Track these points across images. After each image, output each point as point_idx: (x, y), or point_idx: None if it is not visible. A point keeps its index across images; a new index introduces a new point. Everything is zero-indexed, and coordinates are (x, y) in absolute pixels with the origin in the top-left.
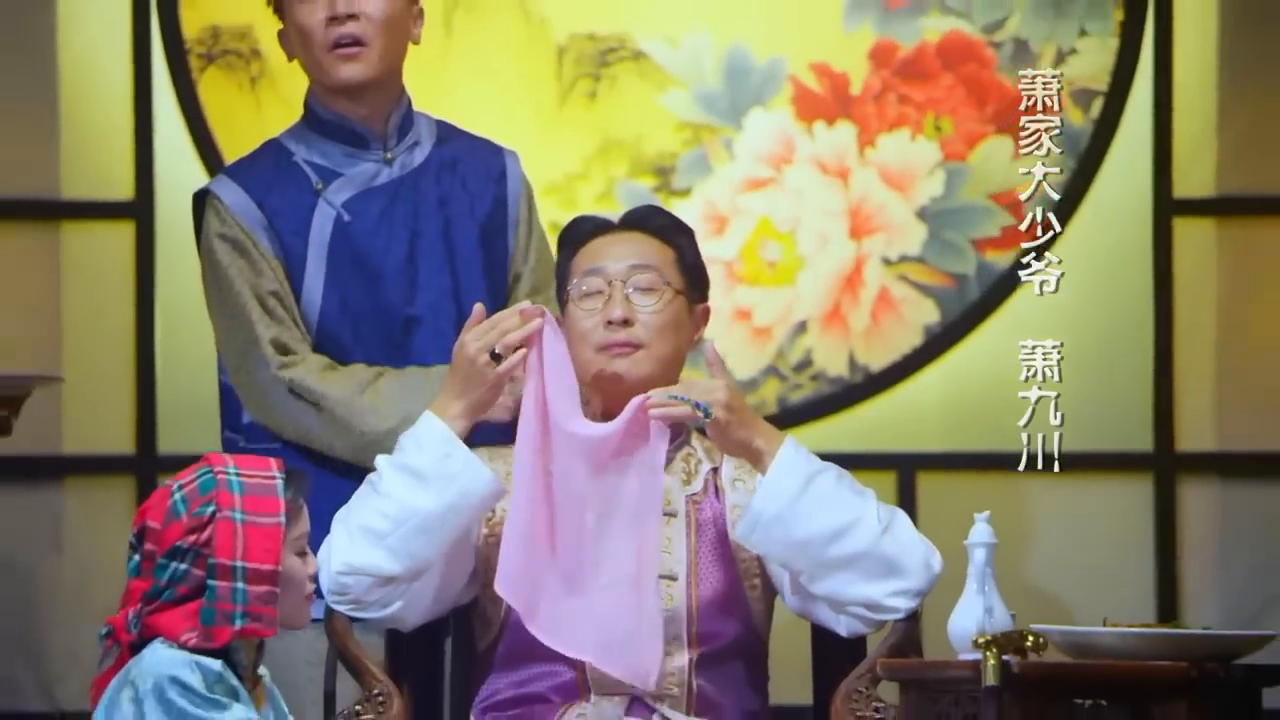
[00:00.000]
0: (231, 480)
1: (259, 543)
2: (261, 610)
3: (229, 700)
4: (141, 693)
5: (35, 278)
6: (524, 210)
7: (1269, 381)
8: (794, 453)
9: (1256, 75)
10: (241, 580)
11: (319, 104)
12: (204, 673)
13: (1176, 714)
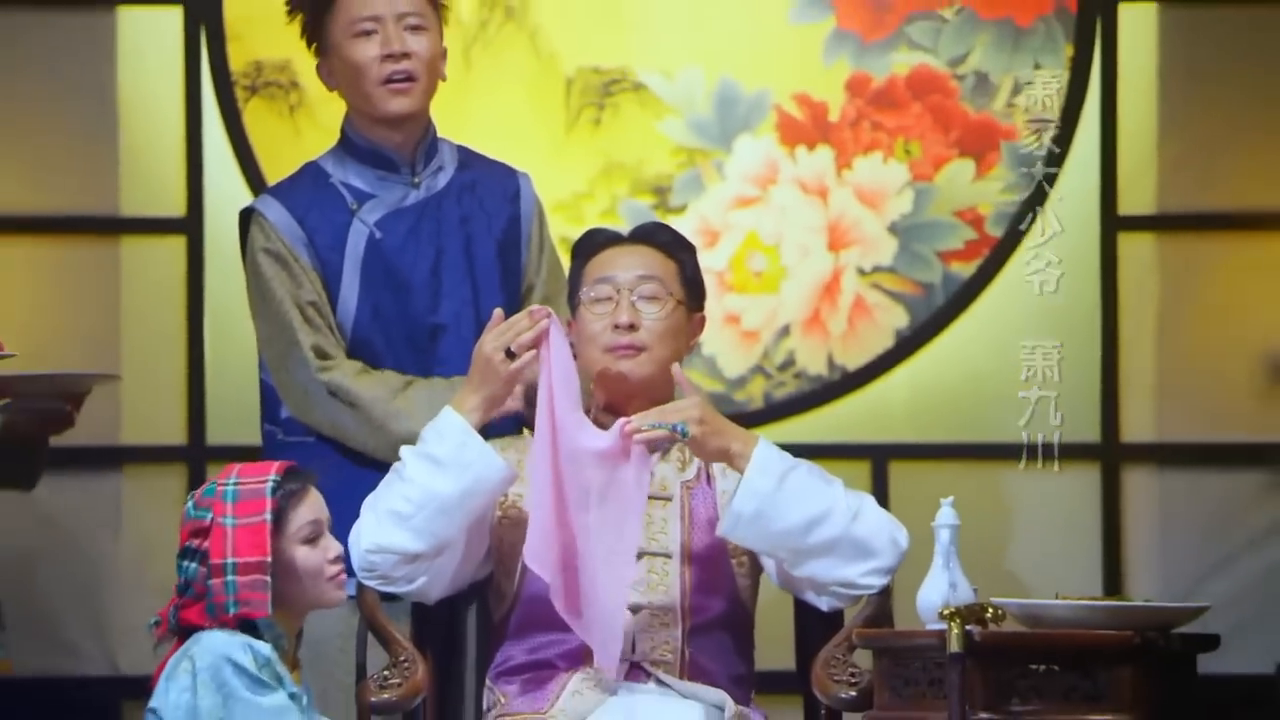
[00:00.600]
0: (227, 490)
1: (246, 539)
2: (250, 595)
3: (275, 684)
4: (198, 668)
5: (97, 286)
6: (536, 227)
7: (1203, 380)
8: (767, 453)
9: (1192, 106)
10: (232, 574)
11: (355, 132)
12: (255, 655)
13: (1121, 678)
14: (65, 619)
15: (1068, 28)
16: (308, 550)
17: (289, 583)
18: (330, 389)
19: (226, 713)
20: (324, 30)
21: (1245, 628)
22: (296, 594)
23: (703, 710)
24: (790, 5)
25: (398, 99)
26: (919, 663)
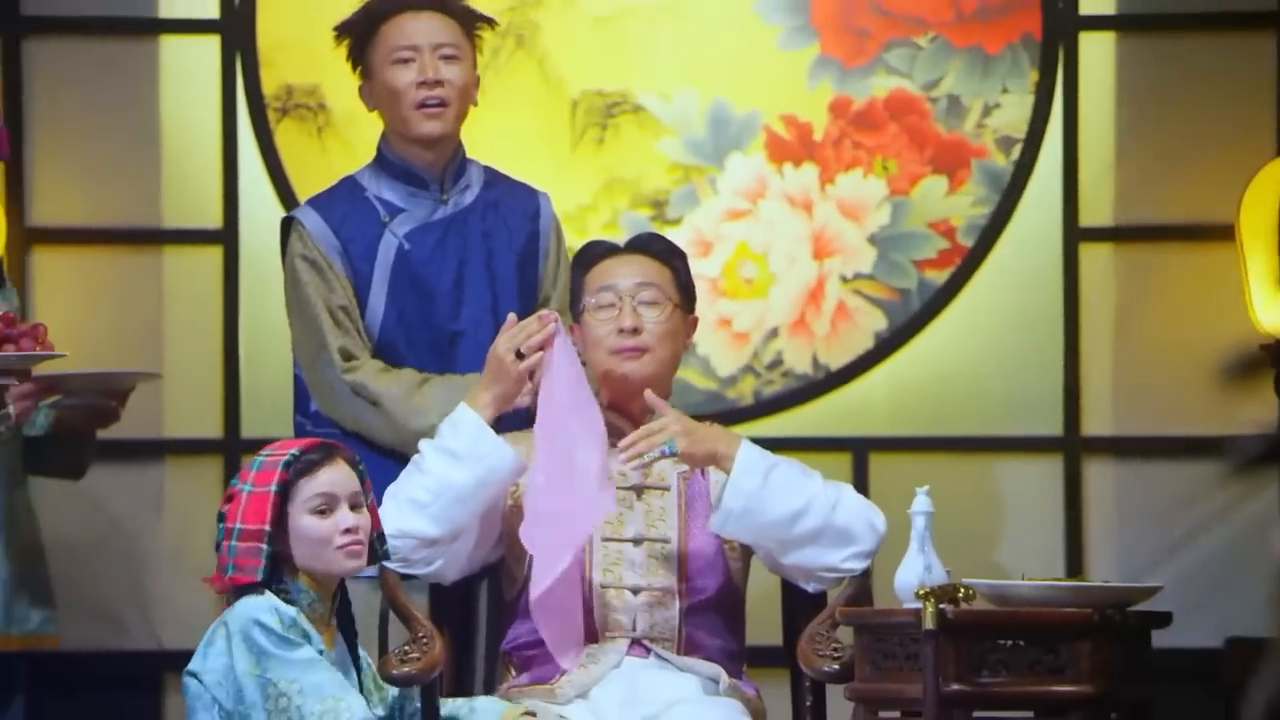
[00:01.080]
0: (256, 460)
1: (253, 507)
2: (245, 562)
3: (301, 641)
4: (231, 632)
5: (141, 292)
6: (553, 242)
7: (1157, 378)
8: (750, 453)
9: (1147, 127)
10: (235, 539)
11: (390, 150)
12: (281, 616)
13: (1081, 652)
14: (111, 597)
15: (1033, 55)
16: (315, 520)
17: (300, 548)
18: (354, 388)
19: (261, 669)
20: (366, 56)
21: (1195, 606)
22: (308, 560)
23: (699, 682)
24: (778, 33)
25: (430, 122)
26: (897, 639)
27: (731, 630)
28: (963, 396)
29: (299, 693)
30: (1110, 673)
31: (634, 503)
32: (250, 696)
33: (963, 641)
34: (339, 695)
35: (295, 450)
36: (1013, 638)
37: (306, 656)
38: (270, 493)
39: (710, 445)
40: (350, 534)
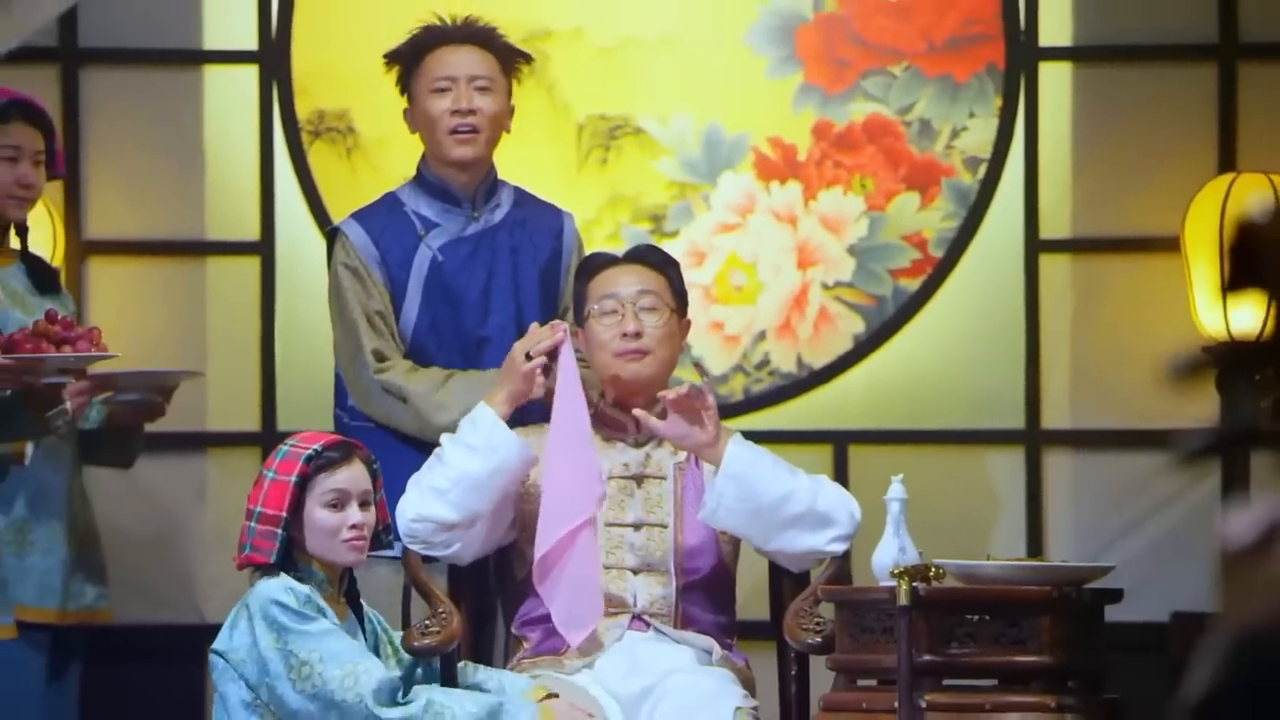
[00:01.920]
0: (281, 450)
1: (273, 494)
2: (260, 544)
3: (317, 615)
4: (252, 613)
5: (186, 298)
6: (575, 259)
7: (1110, 377)
8: (739, 448)
9: (1101, 147)
10: (255, 521)
11: (429, 170)
12: (296, 595)
13: (1041, 625)
14: (158, 576)
15: (997, 83)
16: (327, 513)
17: (311, 536)
18: (385, 387)
19: (283, 644)
20: (411, 83)
21: (1144, 583)
22: (317, 547)
23: (693, 654)
24: (766, 63)
25: (461, 147)
26: (874, 614)
27: (723, 606)
28: (934, 393)
29: (320, 660)
30: (1067, 645)
31: (634, 491)
32: (275, 668)
33: (934, 616)
34: (356, 660)
35: (318, 446)
36: (979, 613)
37: (323, 628)
38: (290, 482)
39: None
40: (355, 530)
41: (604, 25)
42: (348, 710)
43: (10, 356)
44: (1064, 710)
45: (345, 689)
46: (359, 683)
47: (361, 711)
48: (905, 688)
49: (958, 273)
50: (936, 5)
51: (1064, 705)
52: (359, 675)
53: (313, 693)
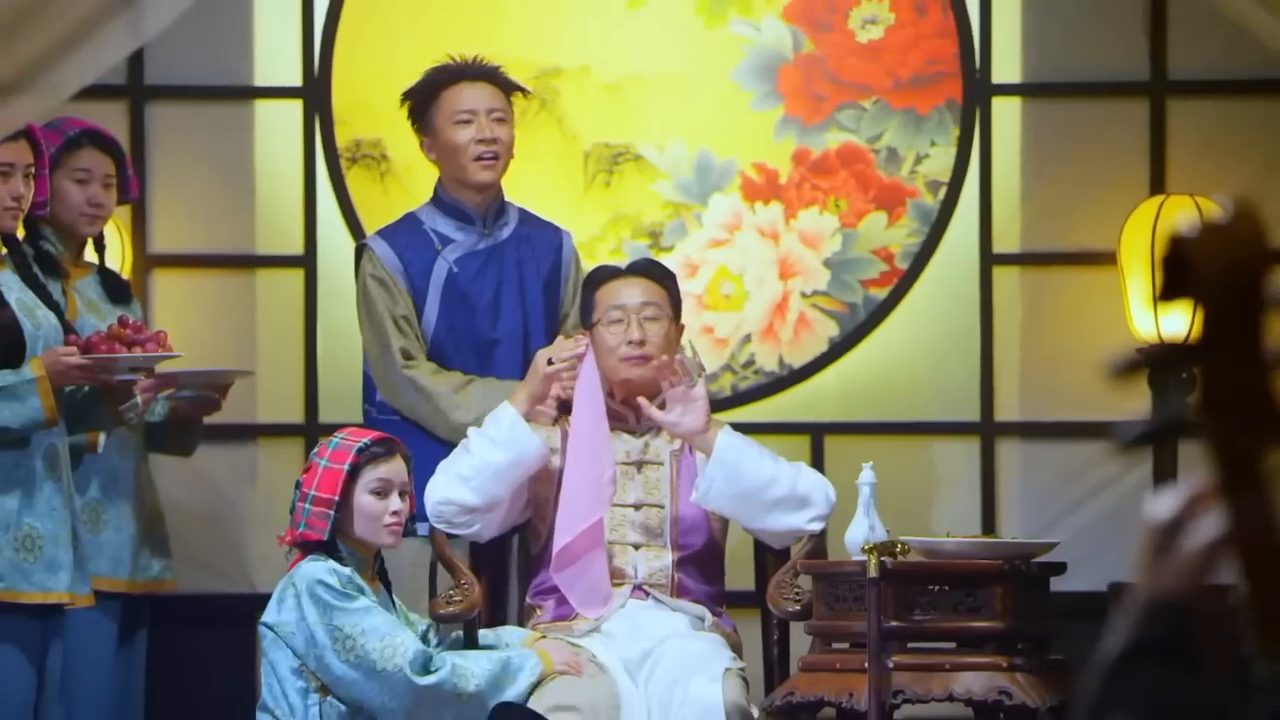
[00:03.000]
0: (333, 440)
1: (327, 479)
2: (314, 522)
3: (357, 594)
4: (299, 591)
5: (239, 306)
6: (573, 271)
7: (1055, 375)
8: (729, 438)
9: (1046, 172)
10: (309, 503)
11: (445, 192)
12: (339, 575)
13: (994, 594)
14: (215, 550)
15: (955, 115)
16: (372, 499)
17: (356, 519)
18: (412, 383)
19: (328, 619)
20: (428, 117)
21: (1085, 557)
22: (359, 529)
23: (687, 620)
24: (751, 97)
25: (485, 171)
26: (846, 585)
27: (713, 578)
28: (899, 389)
29: (361, 634)
30: (1017, 612)
31: (635, 475)
32: (321, 641)
33: (899, 587)
34: (394, 633)
35: (367, 440)
36: (939, 584)
37: (364, 605)
38: (343, 470)
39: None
40: (395, 516)
41: (608, 64)
42: (388, 678)
43: (87, 356)
44: (1014, 670)
45: (385, 659)
46: (397, 654)
47: (401, 679)
48: (874, 650)
49: (920, 283)
50: (901, 47)
51: (1014, 665)
52: (397, 647)
53: (356, 662)
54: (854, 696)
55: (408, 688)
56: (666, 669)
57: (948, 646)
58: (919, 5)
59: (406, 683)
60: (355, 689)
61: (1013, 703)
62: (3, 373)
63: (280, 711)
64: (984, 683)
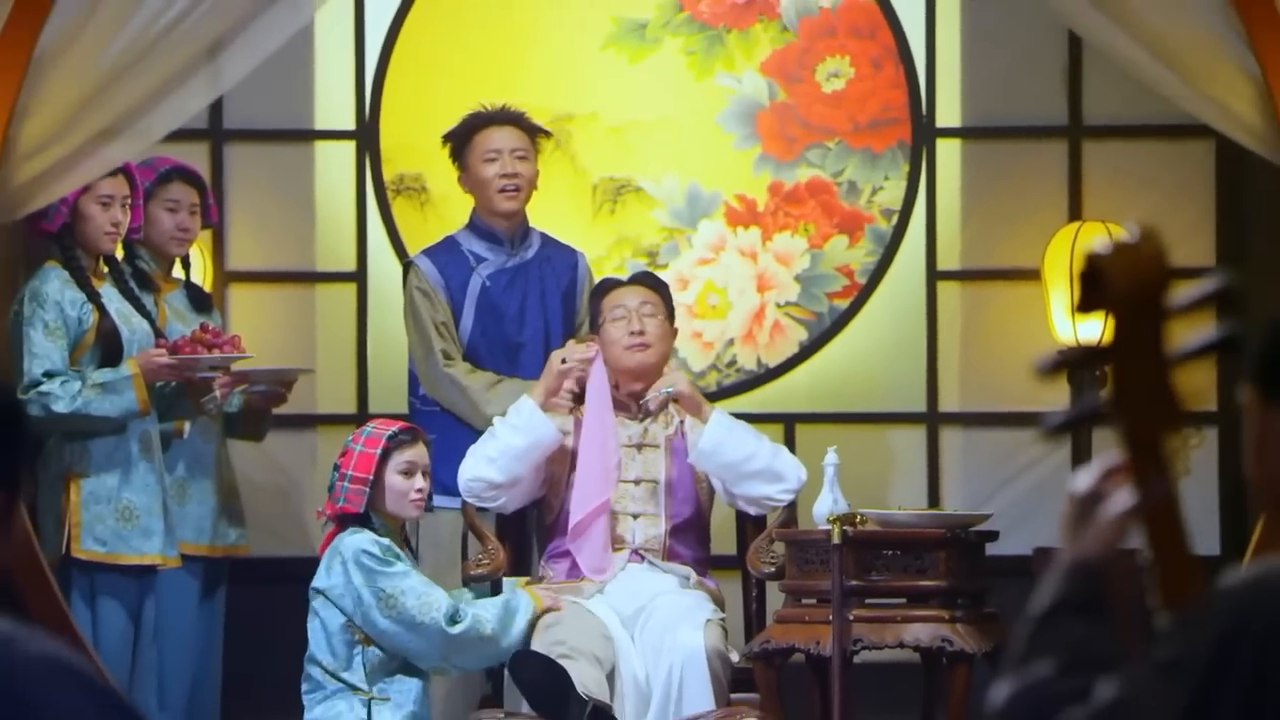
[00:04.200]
0: (366, 429)
1: (362, 461)
2: (352, 497)
3: (396, 560)
4: (345, 559)
5: (302, 314)
6: (587, 285)
7: (990, 373)
8: (720, 416)
9: (982, 201)
10: (348, 481)
11: (479, 219)
12: (379, 545)
13: (938, 558)
14: (282, 520)
15: (905, 154)
16: (400, 479)
17: (387, 495)
18: (450, 380)
19: (372, 582)
20: (464, 156)
21: (1014, 526)
22: (390, 503)
23: (677, 580)
24: (734, 138)
25: (508, 201)
26: (814, 550)
27: (700, 543)
28: (859, 385)
29: (401, 594)
30: (957, 572)
31: (635, 456)
32: (367, 600)
33: (859, 551)
34: (429, 592)
35: (396, 429)
36: (892, 549)
37: (402, 569)
38: (375, 454)
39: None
40: (420, 492)
41: (613, 110)
42: (425, 629)
43: (175, 357)
44: (954, 621)
45: (423, 614)
46: (433, 609)
47: (437, 630)
48: (837, 605)
49: (876, 295)
50: (860, 97)
51: (955, 617)
52: (432, 603)
53: (397, 618)
54: (820, 644)
55: (443, 637)
56: (657, 620)
57: (899, 602)
58: (875, 61)
59: (441, 633)
60: (397, 640)
61: (953, 649)
62: (104, 371)
63: (326, 661)
64: (929, 632)
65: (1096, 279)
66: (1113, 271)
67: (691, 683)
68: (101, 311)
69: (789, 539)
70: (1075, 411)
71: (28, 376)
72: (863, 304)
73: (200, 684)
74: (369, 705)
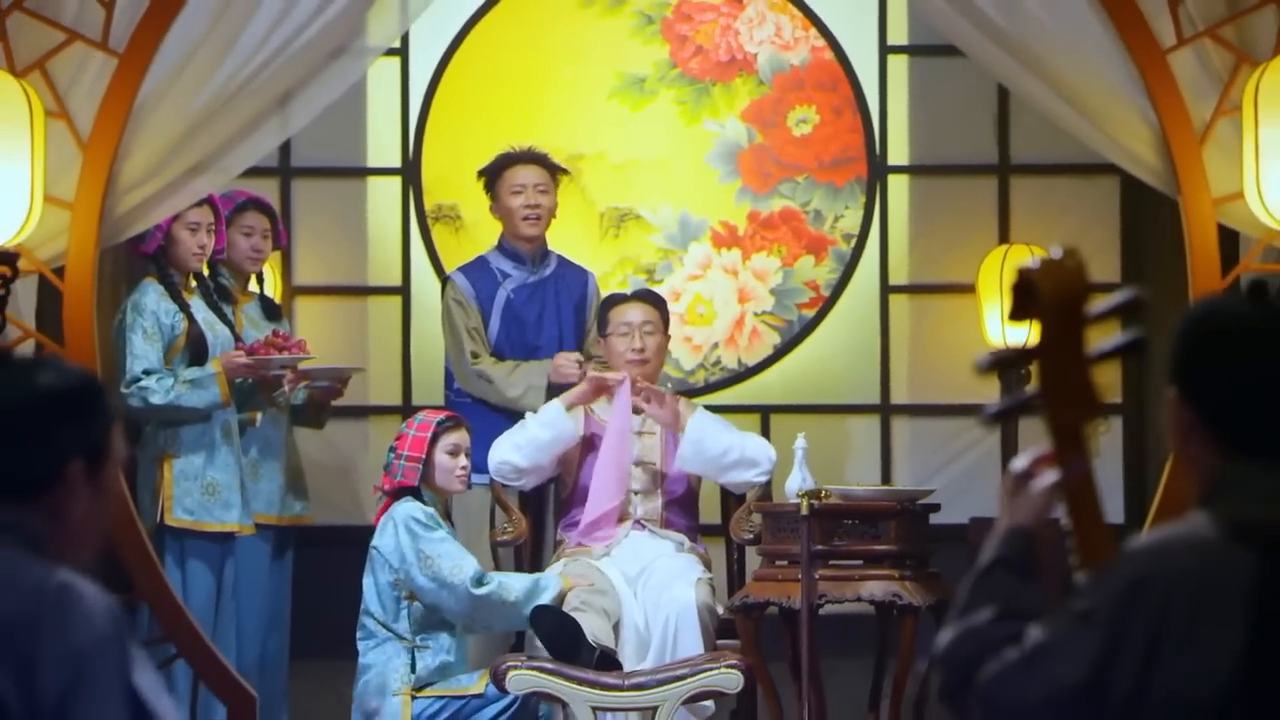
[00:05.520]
0: (418, 417)
1: (414, 443)
2: (408, 473)
3: (438, 527)
4: (397, 523)
5: (355, 322)
6: (595, 299)
7: (932, 371)
8: (696, 420)
9: (926, 227)
10: (403, 460)
11: (506, 241)
12: (425, 513)
13: (889, 526)
14: (339, 494)
15: (863, 187)
16: (447, 457)
17: (436, 472)
18: (478, 375)
19: (416, 544)
20: (495, 189)
21: (953, 499)
22: (438, 479)
23: (672, 545)
24: (718, 174)
25: (531, 227)
26: (786, 519)
27: (691, 515)
28: (823, 381)
29: (438, 556)
30: (906, 539)
31: (636, 441)
32: (410, 559)
33: (823, 521)
34: (461, 557)
35: (443, 416)
36: (851, 519)
37: (442, 535)
38: (426, 437)
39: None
40: (463, 469)
41: (617, 150)
42: (454, 589)
43: (251, 358)
44: (903, 579)
45: (453, 575)
46: (462, 571)
47: (463, 590)
48: (805, 566)
49: (838, 306)
50: (824, 140)
51: (903, 576)
52: (462, 567)
53: (432, 577)
54: (791, 598)
55: (467, 596)
56: (656, 579)
57: (857, 563)
58: (836, 109)
59: (467, 593)
60: (432, 596)
61: (903, 603)
62: (192, 369)
63: (378, 613)
64: (882, 589)
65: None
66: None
67: (684, 631)
68: (190, 320)
69: (765, 511)
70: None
71: (129, 374)
72: (826, 313)
73: (271, 632)
74: (413, 653)
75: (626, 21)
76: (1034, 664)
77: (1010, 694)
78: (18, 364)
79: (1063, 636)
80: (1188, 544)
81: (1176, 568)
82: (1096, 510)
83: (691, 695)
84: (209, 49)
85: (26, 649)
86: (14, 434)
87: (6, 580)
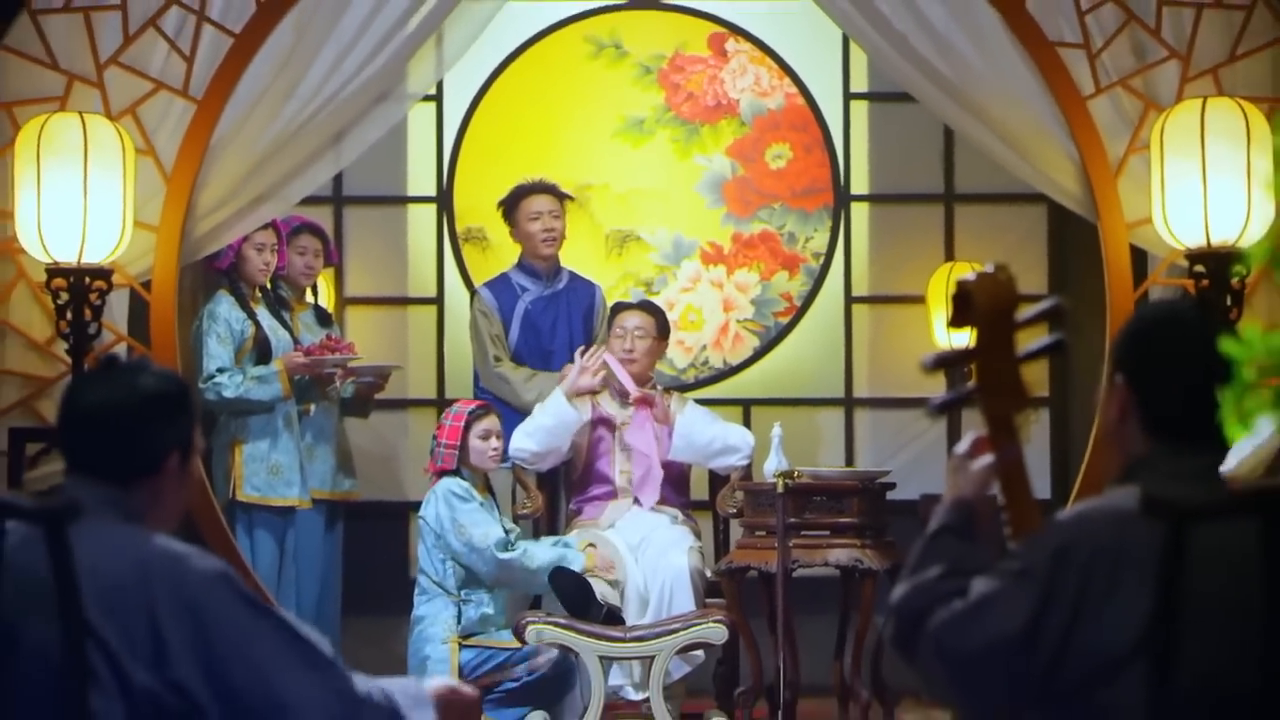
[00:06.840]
0: (454, 408)
1: (450, 431)
2: (446, 457)
3: (472, 499)
4: (438, 496)
5: (396, 328)
6: (603, 311)
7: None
8: (685, 416)
9: (884, 248)
10: (442, 447)
11: (525, 260)
12: (462, 488)
13: (852, 502)
14: (382, 473)
15: (831, 213)
16: (481, 442)
17: (471, 454)
18: (500, 376)
19: (453, 514)
20: (514, 216)
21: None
22: (474, 459)
23: (667, 518)
24: (705, 201)
25: (547, 248)
26: (764, 496)
27: (684, 492)
28: (797, 378)
29: (470, 525)
30: (866, 512)
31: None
32: (447, 527)
33: (796, 498)
34: (489, 525)
35: (474, 406)
36: (820, 495)
37: (474, 506)
38: (460, 426)
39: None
40: (495, 451)
41: (620, 181)
42: (482, 553)
43: (308, 358)
44: (864, 547)
45: (481, 541)
46: (488, 537)
47: (490, 554)
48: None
49: (808, 314)
50: (796, 172)
51: (864, 544)
52: (489, 534)
53: (465, 542)
54: (769, 564)
55: (494, 560)
56: (654, 547)
57: (825, 533)
58: (807, 147)
59: (493, 557)
60: (466, 559)
61: (863, 567)
62: (258, 368)
63: (430, 572)
64: (846, 555)
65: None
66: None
67: (679, 592)
68: (257, 325)
69: (746, 489)
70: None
71: (205, 372)
72: (799, 320)
73: (325, 593)
74: (459, 606)
75: (628, 72)
76: (977, 613)
77: (956, 639)
78: (121, 369)
79: (1002, 591)
80: (1109, 516)
81: (1099, 536)
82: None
83: (684, 646)
84: (273, 96)
85: (138, 605)
86: (122, 430)
87: (114, 547)
